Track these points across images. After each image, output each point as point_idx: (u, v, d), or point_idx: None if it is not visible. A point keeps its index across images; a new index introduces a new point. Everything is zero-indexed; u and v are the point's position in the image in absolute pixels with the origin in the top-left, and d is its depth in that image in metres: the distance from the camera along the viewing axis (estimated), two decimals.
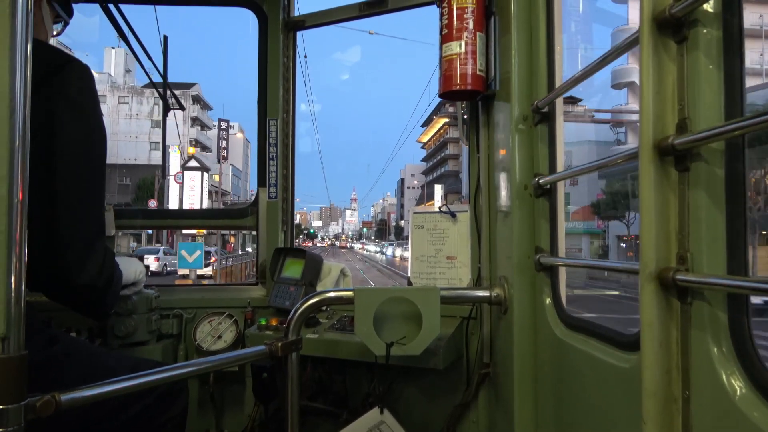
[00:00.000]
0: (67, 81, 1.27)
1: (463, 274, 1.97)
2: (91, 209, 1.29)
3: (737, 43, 0.76)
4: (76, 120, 1.25)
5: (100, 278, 1.29)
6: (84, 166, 1.27)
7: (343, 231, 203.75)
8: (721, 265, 0.77)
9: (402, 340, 1.55)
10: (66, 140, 1.23)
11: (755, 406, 0.70)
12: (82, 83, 1.29)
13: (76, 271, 1.24)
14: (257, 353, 1.47)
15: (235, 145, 70.79)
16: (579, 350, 1.18)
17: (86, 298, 1.32)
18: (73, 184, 1.25)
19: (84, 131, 1.28)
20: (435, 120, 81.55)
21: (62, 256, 1.22)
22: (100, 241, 1.32)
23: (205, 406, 2.28)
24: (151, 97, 53.66)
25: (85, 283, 1.26)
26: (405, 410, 2.02)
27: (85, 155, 1.28)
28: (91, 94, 1.31)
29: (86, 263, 1.26)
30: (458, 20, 1.65)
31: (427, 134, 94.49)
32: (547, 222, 1.42)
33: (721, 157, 0.77)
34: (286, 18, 2.41)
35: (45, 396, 0.96)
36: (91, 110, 1.30)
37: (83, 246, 1.26)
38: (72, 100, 1.26)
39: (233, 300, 2.33)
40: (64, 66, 1.27)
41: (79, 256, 1.25)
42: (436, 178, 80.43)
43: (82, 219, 1.26)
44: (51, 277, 1.25)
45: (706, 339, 0.78)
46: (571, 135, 33.11)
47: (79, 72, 1.29)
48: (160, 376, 1.21)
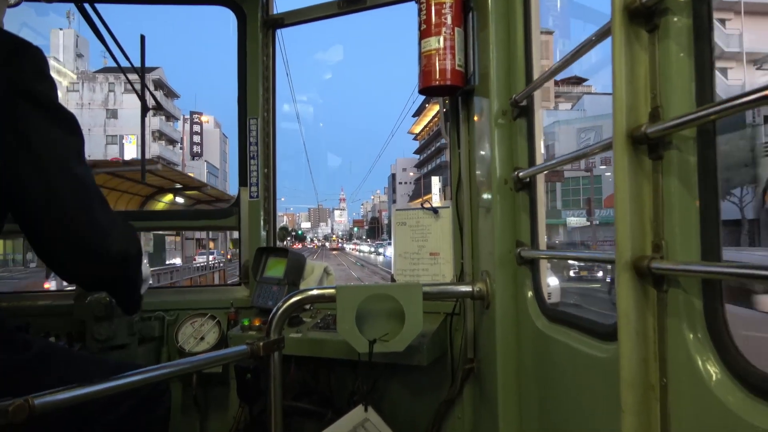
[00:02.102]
0: (22, 70, 1.17)
1: (447, 270, 1.97)
2: (88, 187, 1.22)
3: (707, 31, 0.76)
4: (38, 110, 1.17)
5: (131, 245, 1.25)
6: (62, 151, 1.20)
7: (332, 231, 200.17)
8: (695, 252, 0.77)
9: (385, 337, 1.54)
10: (36, 131, 1.15)
11: (730, 391, 0.70)
12: (37, 69, 1.21)
13: (105, 242, 1.19)
14: (238, 353, 1.45)
15: (211, 140, 65.38)
16: (560, 342, 1.18)
17: (125, 272, 1.27)
18: (61, 171, 1.18)
19: (50, 119, 1.19)
20: (428, 108, 74.15)
21: (83, 235, 1.17)
22: (111, 213, 1.26)
23: (189, 409, 2.25)
24: (105, 83, 47.34)
25: (117, 250, 1.21)
26: (390, 408, 2.01)
27: (60, 142, 1.20)
28: (47, 80, 1.22)
29: (111, 233, 1.21)
30: (436, 16, 1.65)
31: (419, 124, 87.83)
32: (527, 215, 1.42)
33: (693, 145, 0.78)
34: (265, 16, 2.39)
35: (17, 400, 0.94)
36: (49, 93, 1.21)
37: (98, 218, 1.20)
38: (31, 91, 1.17)
39: (216, 301, 2.31)
40: (14, 51, 1.18)
41: (101, 228, 1.20)
42: (433, 169, 74.47)
43: (85, 197, 1.20)
44: (84, 259, 1.19)
45: (681, 326, 0.78)
46: (598, 110, 32.40)
47: (32, 58, 1.20)
48: (138, 378, 1.19)
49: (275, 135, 2.47)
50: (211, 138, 65.59)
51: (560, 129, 34.35)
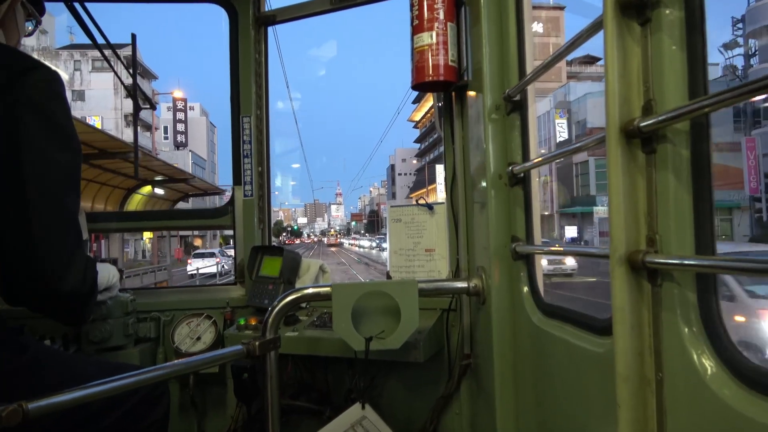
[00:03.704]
0: (33, 87, 1.20)
1: (442, 266, 1.97)
2: (68, 218, 1.25)
3: (699, 24, 0.76)
4: (44, 128, 1.19)
5: (84, 285, 1.26)
6: (57, 176, 1.22)
7: (329, 226, 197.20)
8: (689, 246, 0.77)
9: (381, 334, 1.54)
10: (34, 149, 1.17)
11: (726, 384, 0.70)
12: (50, 88, 1.23)
13: (60, 282, 1.20)
14: (234, 353, 1.44)
15: (197, 129, 59.95)
16: (556, 337, 1.18)
17: (71, 306, 1.28)
18: (46, 194, 1.20)
19: (54, 140, 1.22)
20: (429, 94, 72.58)
21: (42, 268, 1.18)
22: (80, 248, 1.28)
23: (186, 409, 2.25)
24: (70, 61, 43.00)
25: (69, 290, 1.22)
26: (388, 404, 2.01)
27: (58, 165, 1.22)
28: (60, 101, 1.25)
29: (69, 272, 1.22)
30: (429, 11, 1.64)
31: (420, 111, 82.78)
32: (522, 210, 1.42)
33: (686, 138, 0.77)
34: (257, 13, 2.38)
35: (11, 405, 0.93)
36: (61, 117, 1.24)
37: (64, 255, 1.22)
38: (39, 107, 1.19)
39: (211, 301, 2.30)
40: (29, 71, 1.21)
41: (62, 266, 1.21)
42: (437, 157, 70.90)
43: (60, 229, 1.22)
44: (33, 289, 1.21)
45: (676, 320, 0.78)
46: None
47: (46, 77, 1.23)
48: (135, 379, 1.18)
49: (269, 133, 2.46)
50: (197, 126, 60.67)
51: (593, 101, 36.62)
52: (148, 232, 27.16)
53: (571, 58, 35.32)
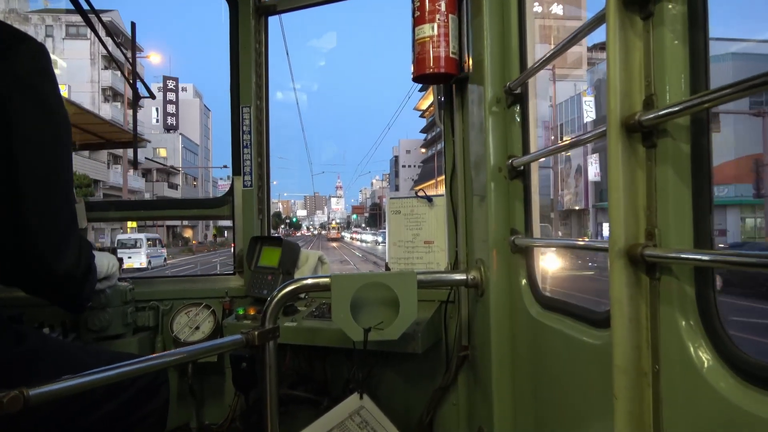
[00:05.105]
0: (19, 61, 1.17)
1: (441, 258, 1.98)
2: (61, 197, 1.24)
3: (702, 18, 0.76)
4: (32, 104, 1.17)
5: (78, 267, 1.26)
6: (46, 153, 1.21)
7: (329, 219, 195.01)
8: (688, 240, 0.78)
9: (380, 325, 1.55)
10: (23, 127, 1.15)
11: (722, 377, 0.71)
12: (37, 64, 1.20)
13: (53, 260, 1.20)
14: (233, 342, 1.45)
15: (189, 111, 55.99)
16: (554, 329, 1.19)
17: (65, 288, 1.28)
18: (37, 173, 1.19)
19: (42, 116, 1.19)
20: None
21: (35, 246, 1.17)
22: (74, 229, 1.27)
23: (185, 398, 2.26)
24: (41, 26, 36.80)
25: (63, 271, 1.22)
26: (386, 395, 2.02)
27: (46, 142, 1.20)
28: (48, 76, 1.22)
29: (63, 252, 1.21)
30: (430, 2, 1.63)
31: (427, 99, 76.52)
32: (521, 203, 1.43)
33: (687, 133, 0.78)
34: (257, 3, 2.36)
35: (11, 392, 0.93)
36: (49, 93, 1.22)
37: (57, 234, 1.21)
38: (26, 82, 1.16)
39: (210, 290, 2.31)
40: (14, 45, 1.17)
41: (54, 245, 1.20)
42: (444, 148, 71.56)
43: (52, 208, 1.21)
44: (27, 269, 1.20)
45: (674, 313, 0.78)
46: None
47: (32, 51, 1.20)
48: (133, 368, 1.19)
49: (269, 123, 2.45)
50: (189, 109, 57.08)
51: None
52: (131, 222, 26.07)
53: (591, 45, 34.10)
